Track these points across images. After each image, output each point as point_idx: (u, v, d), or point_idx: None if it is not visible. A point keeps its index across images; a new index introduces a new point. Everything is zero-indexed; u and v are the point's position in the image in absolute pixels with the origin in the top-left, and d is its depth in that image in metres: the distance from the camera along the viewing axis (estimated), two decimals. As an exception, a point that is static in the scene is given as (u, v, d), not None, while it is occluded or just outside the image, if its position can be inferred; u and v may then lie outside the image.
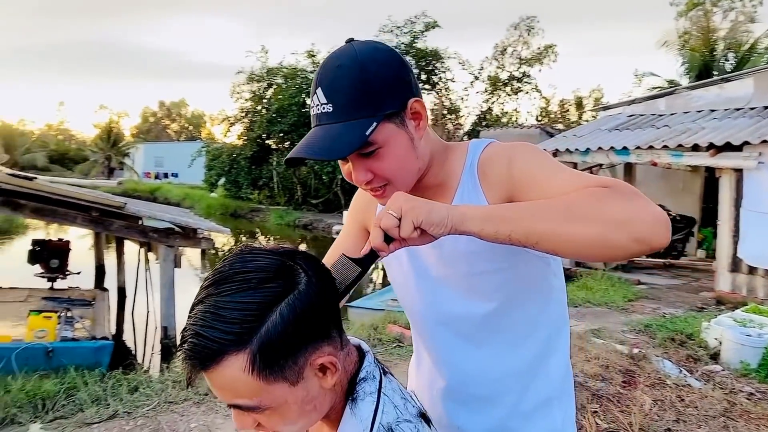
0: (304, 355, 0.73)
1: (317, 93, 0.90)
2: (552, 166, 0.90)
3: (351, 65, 0.88)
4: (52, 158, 50.45)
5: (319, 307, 0.74)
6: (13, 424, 3.64)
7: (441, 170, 1.00)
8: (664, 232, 0.73)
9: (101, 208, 5.29)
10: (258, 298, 0.69)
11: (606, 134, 9.74)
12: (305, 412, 0.77)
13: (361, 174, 0.92)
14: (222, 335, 0.67)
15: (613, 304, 7.24)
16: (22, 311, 5.95)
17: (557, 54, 25.83)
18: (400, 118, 0.91)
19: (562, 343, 1.08)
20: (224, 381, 0.70)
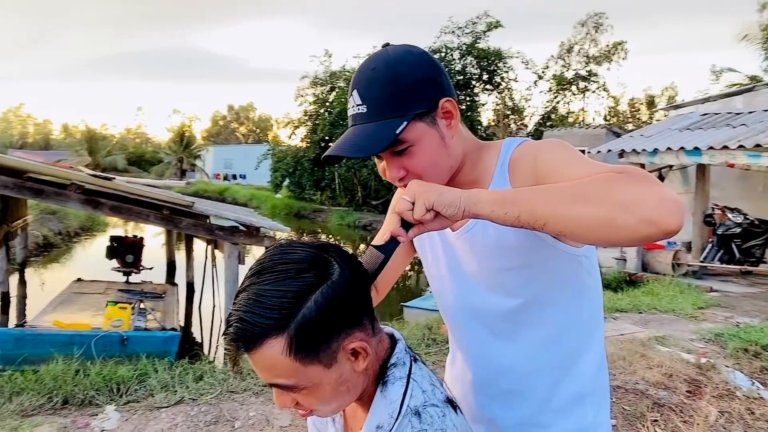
0: (337, 340, 0.78)
1: (353, 95, 0.95)
2: (574, 158, 0.91)
3: (384, 68, 0.93)
4: (130, 160, 53.41)
5: (351, 296, 0.80)
6: (91, 405, 3.93)
7: (475, 168, 1.03)
8: (675, 213, 0.71)
9: (171, 206, 5.59)
10: (295, 286, 0.75)
11: (676, 134, 9.30)
12: (339, 393, 0.83)
13: (394, 171, 0.96)
14: (263, 320, 0.74)
15: (681, 312, 6.91)
16: (101, 302, 6.39)
17: (627, 51, 24.91)
18: (431, 117, 0.94)
19: (595, 340, 1.08)
20: (265, 362, 0.77)
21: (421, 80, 0.94)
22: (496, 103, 24.48)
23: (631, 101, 31.91)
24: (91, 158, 43.49)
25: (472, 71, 23.26)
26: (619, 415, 3.75)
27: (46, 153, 43.65)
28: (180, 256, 10.85)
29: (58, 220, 15.25)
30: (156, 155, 55.98)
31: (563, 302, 1.02)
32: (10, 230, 7.92)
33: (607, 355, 4.38)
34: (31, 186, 5.16)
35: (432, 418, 0.85)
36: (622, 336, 5.68)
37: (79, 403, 3.92)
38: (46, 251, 13.01)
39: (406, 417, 0.85)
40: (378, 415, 0.86)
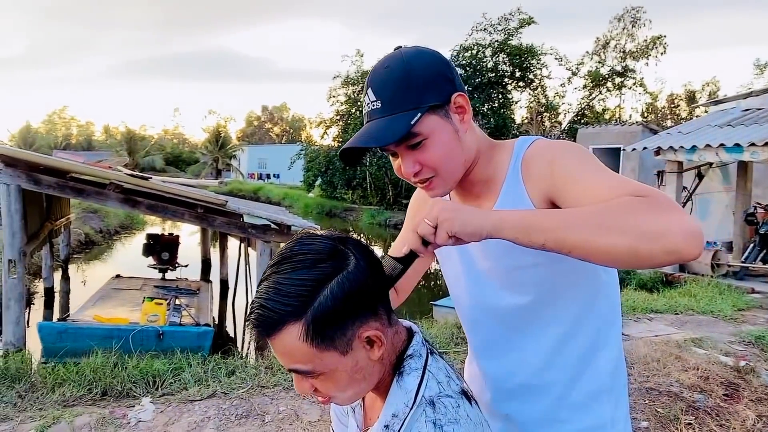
0: (352, 328, 0.81)
1: (368, 93, 0.98)
2: (593, 167, 0.91)
3: (396, 66, 0.96)
4: (168, 160, 54.76)
5: (366, 286, 0.82)
6: (128, 397, 4.06)
7: (488, 166, 1.04)
8: (697, 245, 0.73)
9: (205, 205, 5.73)
10: (312, 276, 0.79)
11: (716, 130, 9.01)
12: (355, 381, 0.85)
13: (408, 165, 0.98)
14: (282, 307, 0.78)
15: (719, 313, 6.71)
16: (137, 298, 6.59)
17: (666, 46, 24.22)
18: (444, 110, 0.96)
19: (612, 337, 1.08)
20: (284, 347, 0.80)
21: (434, 75, 0.96)
22: (529, 100, 24.17)
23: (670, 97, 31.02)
24: (131, 158, 44.73)
25: (504, 69, 23.02)
26: (652, 417, 3.68)
27: (87, 153, 45.07)
28: (215, 253, 11.08)
29: (99, 219, 15.76)
30: (192, 155, 57.23)
31: (579, 298, 1.02)
32: (54, 228, 8.22)
33: (641, 357, 4.32)
34: (72, 185, 5.36)
35: (446, 409, 0.87)
36: (657, 337, 5.56)
37: (117, 395, 4.07)
38: (87, 248, 13.46)
39: (421, 407, 0.87)
40: (394, 405, 0.88)
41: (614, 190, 0.83)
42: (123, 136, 52.40)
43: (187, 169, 52.06)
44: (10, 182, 5.00)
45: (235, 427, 3.56)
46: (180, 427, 3.54)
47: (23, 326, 5.20)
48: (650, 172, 12.07)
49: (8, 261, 5.01)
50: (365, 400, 1.04)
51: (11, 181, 5.00)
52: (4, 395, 3.85)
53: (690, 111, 28.86)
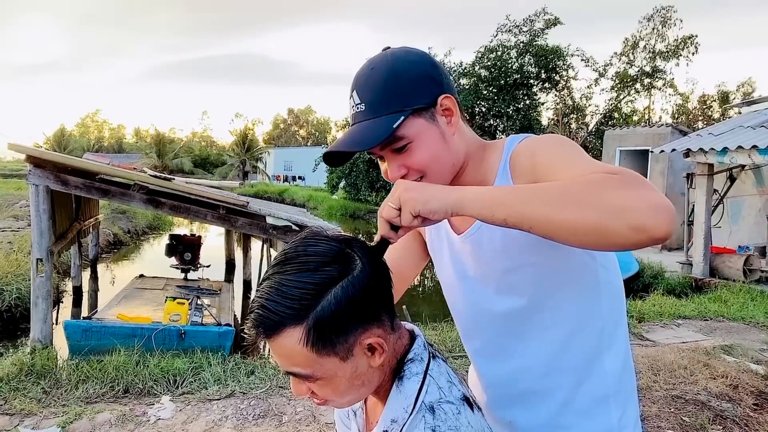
0: (354, 335, 0.79)
1: (353, 95, 0.96)
2: (573, 155, 0.88)
3: (381, 67, 0.94)
4: (196, 162, 55.75)
5: (371, 292, 0.80)
6: (149, 395, 4.12)
7: (479, 168, 1.02)
8: (665, 220, 0.68)
9: (228, 206, 5.79)
10: (316, 279, 0.76)
11: (749, 132, 8.75)
12: (354, 387, 0.83)
13: (395, 170, 0.96)
14: (283, 309, 0.75)
15: (751, 320, 6.50)
16: (160, 297, 6.69)
17: (698, 46, 23.65)
18: (430, 113, 0.94)
19: (618, 338, 1.04)
20: (283, 350, 0.78)
21: (419, 77, 0.94)
22: (555, 102, 23.87)
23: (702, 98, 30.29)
24: (160, 161, 45.63)
25: (530, 70, 22.78)
26: (677, 426, 3.57)
27: (118, 156, 46.16)
28: (239, 254, 11.19)
29: (127, 220, 16.09)
30: (220, 157, 58.12)
31: (578, 299, 0.99)
32: (83, 228, 8.41)
33: (667, 363, 4.21)
34: (98, 186, 5.46)
35: (446, 415, 0.85)
36: (685, 344, 5.41)
37: (138, 393, 4.12)
38: (116, 248, 13.75)
39: (420, 412, 0.85)
40: (393, 410, 0.87)
41: (589, 169, 0.80)
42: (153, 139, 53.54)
43: (214, 171, 52.84)
44: (38, 183, 5.12)
45: (252, 427, 3.57)
46: (198, 425, 3.57)
47: (50, 324, 5.31)
48: (679, 175, 11.79)
49: (36, 260, 5.13)
50: (367, 403, 1.03)
51: (40, 182, 5.12)
52: (30, 391, 3.94)
53: (722, 112, 28.12)
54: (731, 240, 10.78)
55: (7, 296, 7.02)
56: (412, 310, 7.06)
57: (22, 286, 7.16)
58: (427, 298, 10.79)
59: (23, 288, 7.09)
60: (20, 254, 8.63)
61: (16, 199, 17.02)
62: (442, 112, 0.96)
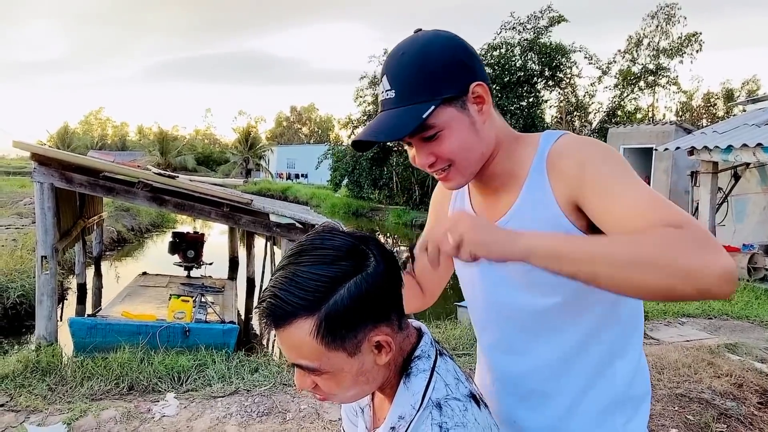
0: (364, 331, 0.79)
1: (383, 80, 0.94)
2: (626, 178, 0.86)
3: (412, 52, 0.92)
4: (199, 160, 55.79)
5: (383, 290, 0.80)
6: (154, 392, 4.13)
7: (509, 158, 1.00)
8: (731, 286, 0.70)
9: (231, 204, 5.80)
10: (331, 272, 0.77)
11: (753, 130, 8.71)
12: (358, 383, 0.84)
13: (423, 157, 0.95)
14: (296, 299, 0.76)
15: (756, 318, 6.49)
16: (163, 295, 6.71)
17: (702, 43, 23.56)
18: (461, 101, 0.92)
19: (633, 344, 1.03)
20: (292, 341, 0.78)
21: (450, 64, 0.92)
22: (559, 99, 23.82)
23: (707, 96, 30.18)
24: (163, 158, 45.71)
25: (533, 67, 22.73)
26: (681, 425, 3.57)
27: (121, 153, 46.29)
28: (242, 251, 11.21)
29: (131, 217, 16.12)
30: (223, 155, 58.13)
31: (599, 303, 0.97)
32: (87, 226, 8.44)
33: (671, 362, 4.20)
34: (103, 184, 5.48)
35: (453, 412, 0.85)
36: (689, 342, 5.40)
37: (143, 390, 4.14)
38: (120, 246, 13.78)
39: (427, 409, 0.85)
40: (401, 406, 0.87)
41: (649, 212, 0.79)
42: (156, 137, 53.61)
43: (217, 168, 52.87)
44: (43, 180, 5.13)
45: (256, 424, 3.58)
46: (203, 422, 3.58)
47: (55, 321, 5.34)
48: (683, 173, 11.76)
49: (41, 257, 5.15)
50: (374, 400, 1.03)
51: (44, 180, 5.13)
52: (35, 387, 3.96)
53: (727, 110, 28.01)
54: (735, 238, 10.75)
55: (12, 293, 7.05)
56: (415, 308, 7.05)
57: (26, 283, 7.19)
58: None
59: (28, 285, 7.12)
60: (24, 251, 8.66)
61: (20, 196, 17.08)
62: (473, 99, 0.93)
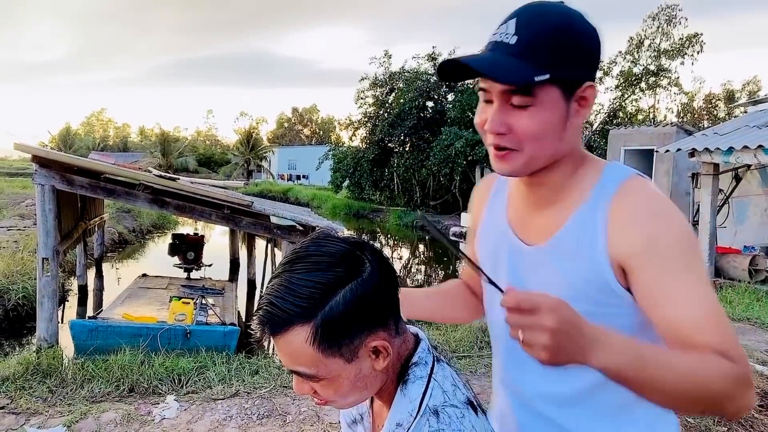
0: (360, 337, 0.79)
1: (507, 23, 0.86)
2: (691, 274, 0.81)
3: (555, 14, 0.85)
4: (200, 161, 55.78)
5: (378, 295, 0.81)
6: (154, 394, 4.14)
7: (569, 177, 0.93)
8: (742, 414, 0.79)
9: (232, 206, 5.80)
10: (326, 279, 0.77)
11: (755, 131, 8.70)
12: (356, 388, 0.84)
13: (497, 123, 0.86)
14: (291, 307, 0.76)
15: (757, 320, 6.48)
16: (163, 297, 6.72)
17: (703, 44, 23.54)
18: (570, 91, 0.85)
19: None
20: (288, 348, 0.78)
21: (584, 49, 0.86)
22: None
23: (708, 97, 30.17)
24: (165, 159, 45.71)
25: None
26: (681, 427, 3.56)
27: (123, 155, 46.33)
28: (243, 253, 11.21)
29: (132, 218, 16.14)
30: (224, 156, 58.17)
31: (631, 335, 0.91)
32: (88, 227, 8.45)
33: (670, 364, 4.17)
34: (104, 186, 5.49)
35: (450, 419, 0.85)
36: (689, 345, 5.39)
37: (143, 392, 4.14)
38: (121, 247, 13.79)
39: (425, 416, 0.85)
40: (398, 413, 0.87)
41: (705, 329, 0.78)
42: (157, 138, 53.61)
43: (219, 170, 52.89)
44: (44, 183, 5.15)
45: (256, 427, 3.58)
46: (203, 425, 3.59)
47: (56, 323, 5.35)
48: (684, 175, 11.75)
49: (42, 259, 5.16)
50: (374, 407, 1.03)
51: (45, 182, 5.15)
52: (36, 390, 3.97)
53: (728, 111, 27.98)
54: (736, 240, 10.74)
55: (13, 295, 7.06)
56: (416, 310, 7.04)
57: (28, 285, 7.19)
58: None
59: (29, 287, 7.13)
60: (26, 253, 8.68)
61: (22, 197, 17.10)
62: (579, 97, 0.87)
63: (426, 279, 13.10)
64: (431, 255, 17.34)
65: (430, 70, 24.59)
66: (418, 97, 23.19)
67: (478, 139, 20.34)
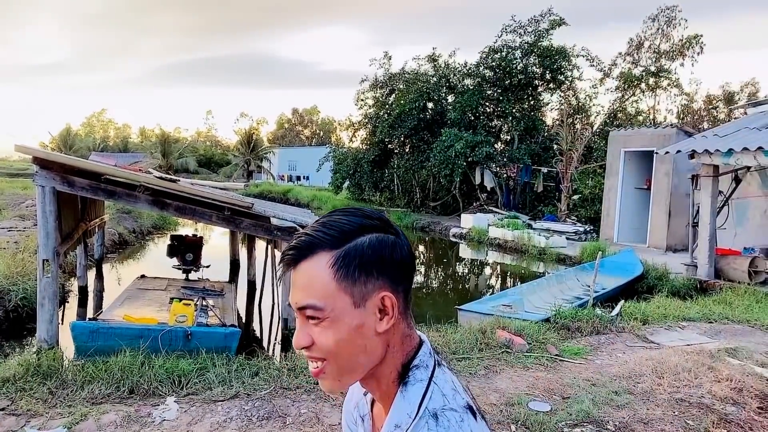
0: (374, 283, 0.83)
1: None
2: None
3: None
4: (201, 162, 55.73)
5: (400, 258, 0.86)
6: (154, 396, 4.14)
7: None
8: None
9: (233, 207, 5.81)
10: (359, 222, 0.85)
11: (754, 133, 8.72)
12: (354, 346, 0.84)
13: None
14: (324, 236, 0.83)
15: (756, 322, 6.48)
16: (162, 298, 6.71)
17: (703, 46, 23.53)
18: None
19: None
20: (307, 274, 0.83)
21: None
22: (560, 102, 23.82)
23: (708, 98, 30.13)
24: (165, 160, 45.69)
25: (534, 70, 22.76)
26: (681, 429, 3.57)
27: (123, 155, 46.26)
28: (243, 254, 11.22)
29: (133, 219, 16.14)
30: (225, 157, 58.12)
31: None
32: (89, 229, 8.46)
33: (671, 366, 4.21)
34: (104, 188, 5.49)
35: (449, 422, 0.85)
36: (689, 346, 5.40)
37: (143, 393, 4.14)
38: (121, 248, 13.79)
39: (423, 419, 0.85)
40: (397, 415, 0.88)
41: None
42: (158, 138, 53.57)
43: (219, 170, 52.83)
44: (45, 184, 5.15)
45: (256, 429, 3.59)
46: (203, 427, 3.59)
47: (56, 324, 5.35)
48: (684, 176, 11.76)
49: (42, 261, 5.16)
50: (374, 410, 1.03)
51: (46, 183, 5.15)
52: (36, 391, 3.97)
53: (728, 113, 27.97)
54: (736, 242, 10.75)
55: (14, 296, 7.06)
56: (415, 312, 7.06)
57: (28, 286, 7.19)
58: (431, 300, 10.79)
59: (29, 288, 7.13)
60: (26, 254, 8.68)
61: (23, 198, 17.10)
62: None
63: (426, 280, 13.10)
64: (431, 256, 17.34)
65: (430, 72, 24.62)
66: (418, 99, 23.20)
67: (477, 140, 20.37)
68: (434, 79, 24.20)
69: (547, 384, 4.40)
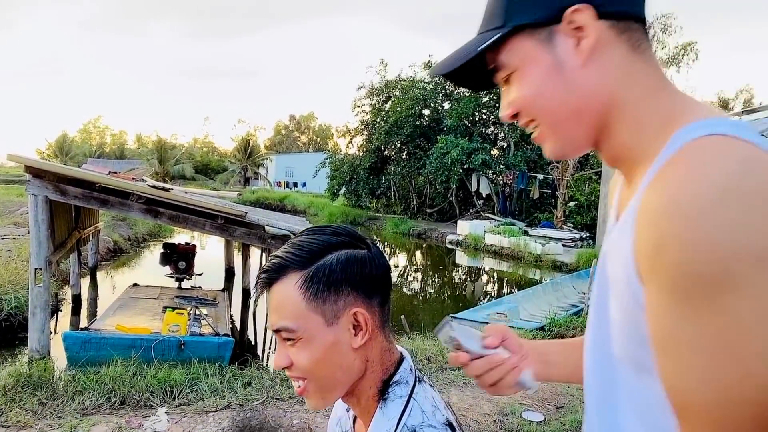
0: (345, 299, 0.83)
1: None
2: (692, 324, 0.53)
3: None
4: (197, 169, 55.76)
5: (371, 271, 0.86)
6: (146, 407, 4.11)
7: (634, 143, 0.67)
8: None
9: (226, 216, 5.79)
10: (327, 240, 0.86)
11: (748, 140, 8.74)
12: (331, 364, 0.84)
13: (504, 107, 0.74)
14: (292, 257, 0.84)
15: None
16: (156, 307, 6.67)
17: (698, 52, 23.70)
18: (547, 32, 0.67)
19: None
20: (279, 296, 0.83)
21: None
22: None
23: (703, 105, 30.29)
24: (162, 167, 45.66)
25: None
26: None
27: (120, 162, 46.21)
28: (238, 262, 11.19)
29: (127, 227, 16.08)
30: (221, 164, 58.18)
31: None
32: (83, 236, 8.42)
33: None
34: (97, 196, 5.47)
35: None
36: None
37: (134, 404, 4.11)
38: (116, 256, 13.73)
39: None
40: (377, 431, 0.87)
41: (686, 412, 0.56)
42: (154, 145, 53.58)
43: (216, 177, 52.86)
44: (37, 193, 5.13)
45: (248, 440, 3.56)
46: (194, 438, 3.56)
47: (48, 334, 5.31)
48: (680, 183, 11.78)
49: (34, 270, 5.13)
50: (356, 426, 1.03)
51: (39, 192, 5.13)
52: (26, 402, 3.93)
53: (723, 119, 28.12)
54: (731, 248, 10.74)
55: (6, 305, 7.01)
56: (410, 319, 7.04)
57: (20, 295, 7.15)
58: (427, 307, 10.77)
59: (22, 297, 7.09)
60: (19, 262, 8.63)
61: (17, 205, 17.04)
62: (570, 31, 0.66)
63: (422, 287, 13.08)
64: (428, 263, 17.32)
65: (426, 78, 24.71)
66: (414, 106, 23.27)
67: (474, 147, 20.40)
68: (430, 86, 24.28)
69: (540, 393, 4.39)
